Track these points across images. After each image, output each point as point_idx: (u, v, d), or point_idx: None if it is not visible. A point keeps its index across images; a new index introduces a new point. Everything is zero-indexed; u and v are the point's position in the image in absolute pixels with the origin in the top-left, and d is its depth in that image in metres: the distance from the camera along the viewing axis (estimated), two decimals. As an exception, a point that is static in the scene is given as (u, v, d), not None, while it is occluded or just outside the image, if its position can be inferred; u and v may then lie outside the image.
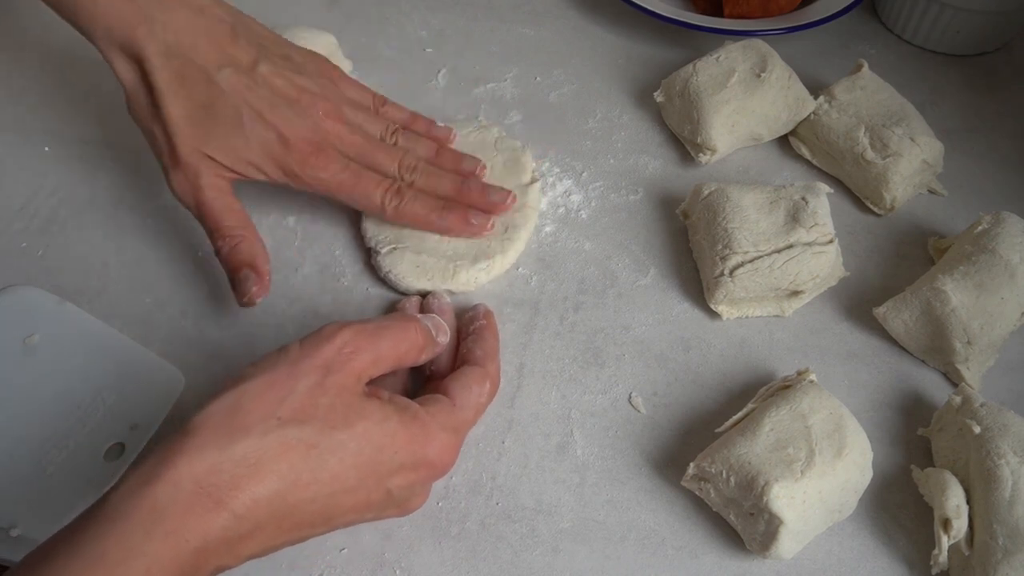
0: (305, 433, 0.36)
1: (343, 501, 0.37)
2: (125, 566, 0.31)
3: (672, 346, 0.52)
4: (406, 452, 0.39)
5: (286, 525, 0.36)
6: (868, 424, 0.47)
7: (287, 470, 0.35)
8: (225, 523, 0.33)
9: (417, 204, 0.52)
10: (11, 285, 0.51)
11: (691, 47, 0.68)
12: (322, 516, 0.37)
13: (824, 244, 0.51)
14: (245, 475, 0.34)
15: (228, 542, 0.34)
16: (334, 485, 0.37)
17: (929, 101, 0.64)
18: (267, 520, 0.35)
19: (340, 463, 0.37)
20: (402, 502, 0.41)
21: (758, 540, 0.42)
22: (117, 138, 0.61)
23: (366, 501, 0.38)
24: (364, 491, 0.38)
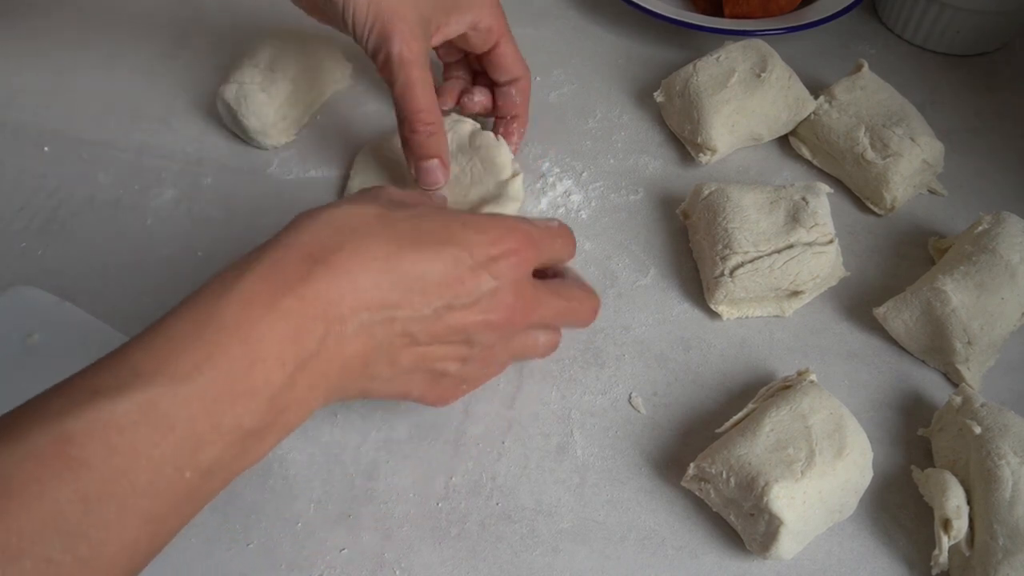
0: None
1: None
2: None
3: (672, 346, 0.52)
4: (482, 232, 0.39)
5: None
6: (868, 424, 0.47)
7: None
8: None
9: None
10: (11, 285, 0.51)
11: (691, 47, 0.68)
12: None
13: (824, 244, 0.51)
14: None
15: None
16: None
17: (929, 101, 0.64)
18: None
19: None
20: (493, 295, 0.39)
21: (758, 540, 0.42)
22: (117, 138, 0.61)
23: (458, 273, 0.38)
24: (452, 259, 0.38)
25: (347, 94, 0.65)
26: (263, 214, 0.57)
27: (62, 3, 0.70)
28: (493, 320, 0.40)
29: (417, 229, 0.38)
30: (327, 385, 0.36)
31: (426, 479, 0.46)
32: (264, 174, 0.60)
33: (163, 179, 0.59)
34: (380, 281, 0.36)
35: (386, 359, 0.38)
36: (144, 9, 0.70)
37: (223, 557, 0.43)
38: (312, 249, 0.35)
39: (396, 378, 0.39)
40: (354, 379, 0.37)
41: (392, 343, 0.37)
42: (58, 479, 0.28)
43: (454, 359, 0.40)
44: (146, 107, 0.63)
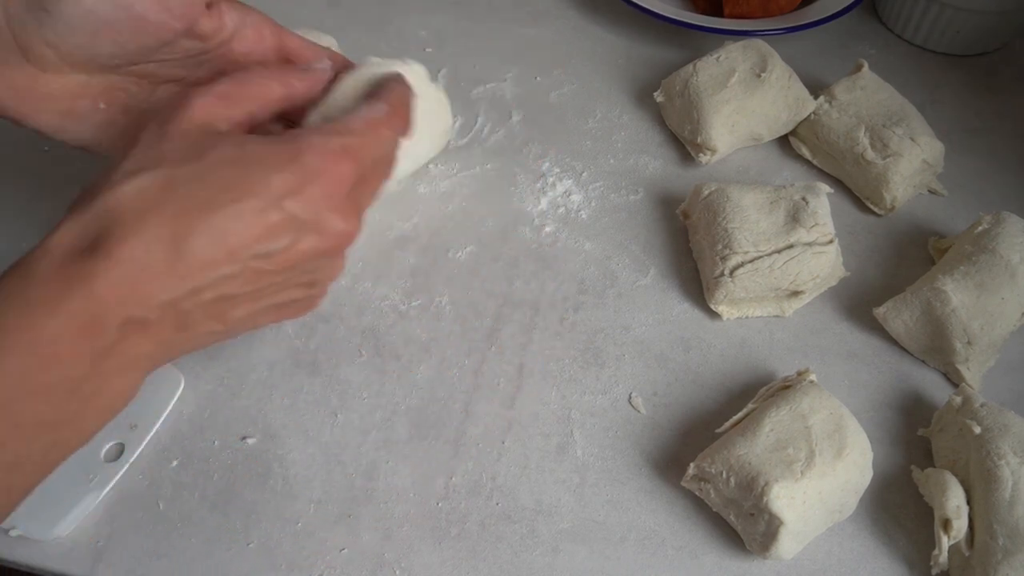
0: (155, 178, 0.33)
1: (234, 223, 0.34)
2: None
3: (672, 346, 0.52)
4: (280, 170, 0.35)
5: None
6: (868, 424, 0.47)
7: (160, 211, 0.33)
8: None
9: None
10: (11, 285, 0.51)
11: (691, 47, 0.68)
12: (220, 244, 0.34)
13: (824, 244, 0.51)
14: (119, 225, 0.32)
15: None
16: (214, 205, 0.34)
17: (929, 101, 0.64)
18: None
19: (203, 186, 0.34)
20: (315, 226, 0.36)
21: (758, 540, 0.42)
22: (117, 138, 0.61)
23: (263, 224, 0.34)
24: (251, 212, 0.34)
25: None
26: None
27: (62, 3, 0.70)
28: (321, 247, 0.37)
29: (207, 186, 0.34)
30: (146, 360, 0.34)
31: (426, 479, 0.46)
32: (264, 174, 0.60)
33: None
34: (173, 262, 0.33)
35: (211, 320, 0.36)
36: (144, 9, 0.70)
37: (223, 557, 0.43)
38: (94, 239, 0.32)
39: (234, 327, 0.37)
40: (179, 345, 0.35)
41: (209, 309, 0.35)
42: None
43: (296, 287, 0.38)
44: (146, 107, 0.63)
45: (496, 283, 0.54)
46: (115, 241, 0.32)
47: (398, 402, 0.49)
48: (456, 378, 0.50)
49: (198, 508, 0.45)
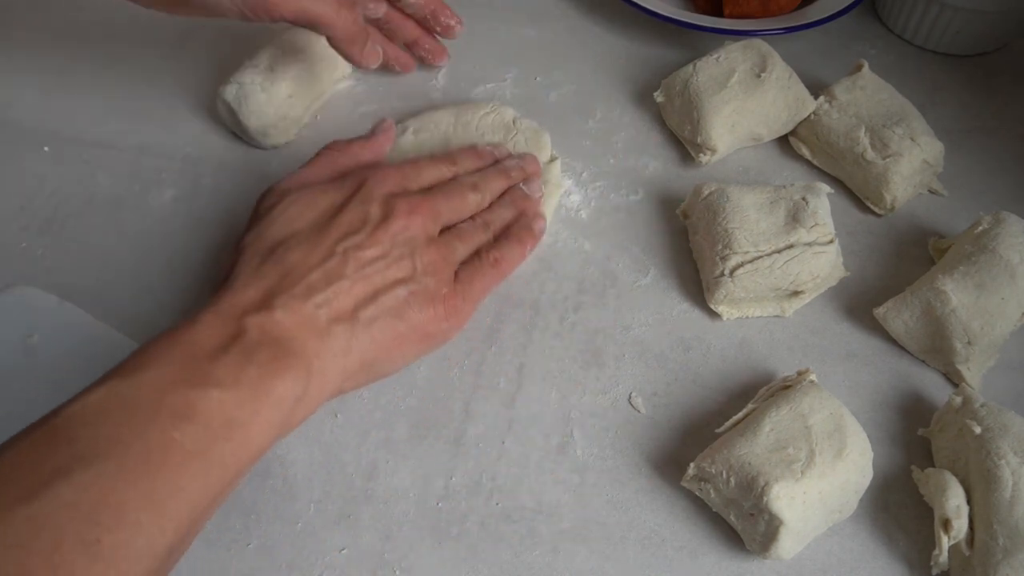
0: None
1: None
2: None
3: (672, 346, 0.52)
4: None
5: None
6: (868, 424, 0.47)
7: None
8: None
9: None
10: (11, 285, 0.51)
11: (691, 47, 0.68)
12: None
13: (824, 244, 0.51)
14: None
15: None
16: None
17: (929, 101, 0.64)
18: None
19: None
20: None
21: (758, 540, 0.42)
22: (117, 138, 0.61)
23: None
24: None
25: (347, 94, 0.65)
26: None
27: (62, 3, 0.70)
28: (395, 223, 0.45)
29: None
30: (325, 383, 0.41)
31: (426, 479, 0.46)
32: (264, 174, 0.60)
33: (163, 179, 0.59)
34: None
35: (344, 325, 0.42)
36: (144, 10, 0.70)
37: (223, 557, 0.43)
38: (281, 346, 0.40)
39: (376, 334, 0.43)
40: (347, 370, 0.42)
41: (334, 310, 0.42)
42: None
43: (394, 283, 0.44)
44: (146, 107, 0.63)
45: (496, 283, 0.54)
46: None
47: (398, 402, 0.49)
48: (456, 378, 0.50)
49: (198, 508, 0.45)
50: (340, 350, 0.41)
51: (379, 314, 0.43)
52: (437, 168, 0.51)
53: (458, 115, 0.60)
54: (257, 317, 0.39)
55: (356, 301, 0.42)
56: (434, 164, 0.51)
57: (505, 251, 0.50)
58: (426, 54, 0.64)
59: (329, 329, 0.41)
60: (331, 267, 0.42)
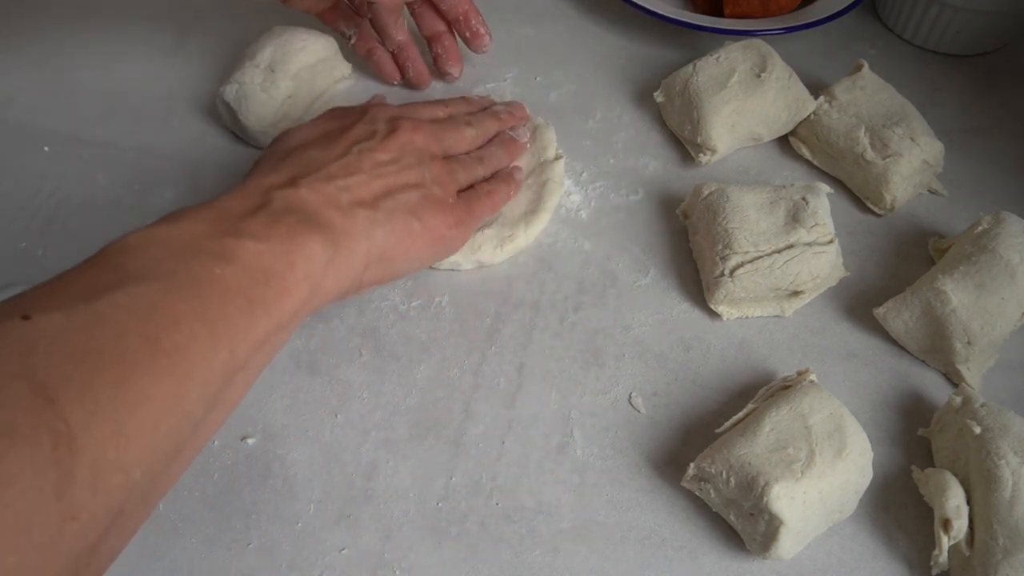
0: None
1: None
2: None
3: (672, 346, 0.52)
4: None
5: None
6: (868, 424, 0.47)
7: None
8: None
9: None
10: (11, 285, 0.51)
11: (691, 47, 0.68)
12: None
13: (824, 244, 0.51)
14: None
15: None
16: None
17: (929, 101, 0.64)
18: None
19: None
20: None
21: (758, 540, 0.42)
22: (117, 138, 0.61)
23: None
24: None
25: (347, 94, 0.65)
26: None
27: (62, 2, 0.70)
28: (402, 135, 0.48)
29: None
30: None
31: (426, 479, 0.46)
32: (264, 174, 0.60)
33: (163, 179, 0.59)
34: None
35: (367, 211, 0.44)
36: (144, 9, 0.70)
37: (223, 557, 0.43)
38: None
39: (396, 220, 0.45)
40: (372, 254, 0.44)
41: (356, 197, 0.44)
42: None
43: (407, 186, 0.47)
44: (146, 107, 0.63)
45: (496, 283, 0.54)
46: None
47: (398, 402, 0.49)
48: (456, 378, 0.50)
49: (198, 508, 0.45)
50: (363, 231, 0.43)
51: (396, 207, 0.45)
52: (432, 108, 0.55)
53: None
54: (282, 192, 0.41)
55: (375, 193, 0.45)
56: (430, 105, 0.56)
57: (496, 185, 0.54)
58: (443, 51, 0.64)
59: (352, 210, 0.43)
60: (348, 161, 0.45)
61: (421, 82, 0.65)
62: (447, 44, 0.64)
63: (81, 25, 0.68)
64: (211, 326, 0.33)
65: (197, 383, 0.32)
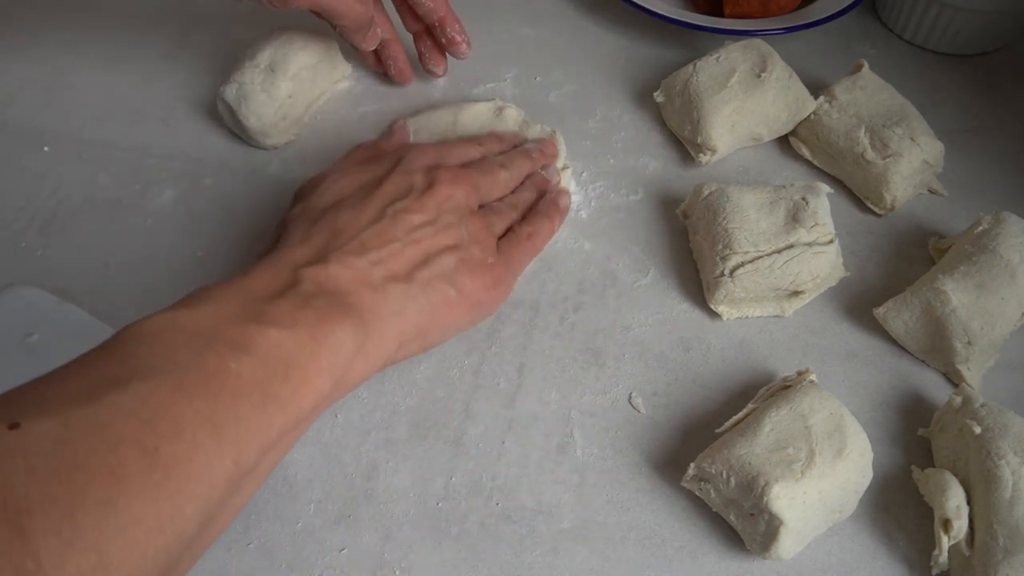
0: None
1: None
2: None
3: (672, 346, 0.52)
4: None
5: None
6: (868, 424, 0.47)
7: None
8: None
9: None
10: (11, 285, 0.51)
11: (691, 47, 0.68)
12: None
13: (824, 244, 0.51)
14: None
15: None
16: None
17: (929, 101, 0.64)
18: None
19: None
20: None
21: (758, 540, 0.42)
22: (117, 138, 0.61)
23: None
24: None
25: (347, 94, 0.65)
26: (263, 214, 0.57)
27: (62, 3, 0.70)
28: (440, 191, 0.46)
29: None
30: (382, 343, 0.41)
31: (426, 479, 0.46)
32: (264, 174, 0.60)
33: (163, 179, 0.59)
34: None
35: (400, 285, 0.42)
36: (144, 9, 0.70)
37: (223, 557, 0.43)
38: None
39: (432, 292, 0.43)
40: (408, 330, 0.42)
41: (390, 269, 0.42)
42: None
43: (444, 250, 0.44)
44: (146, 107, 0.63)
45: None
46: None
47: (398, 402, 0.49)
48: (456, 378, 0.50)
49: (198, 508, 0.45)
50: (396, 309, 0.41)
51: (432, 278, 0.43)
52: (467, 149, 0.53)
53: (457, 115, 0.60)
54: (311, 270, 0.39)
55: (410, 264, 0.43)
56: (464, 145, 0.53)
57: (536, 226, 0.51)
58: (426, 50, 0.64)
59: (385, 287, 0.41)
60: (383, 227, 0.43)
61: (403, 80, 0.64)
62: (430, 43, 0.64)
63: (81, 25, 0.68)
64: (218, 430, 0.31)
65: (195, 498, 0.30)
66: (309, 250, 0.41)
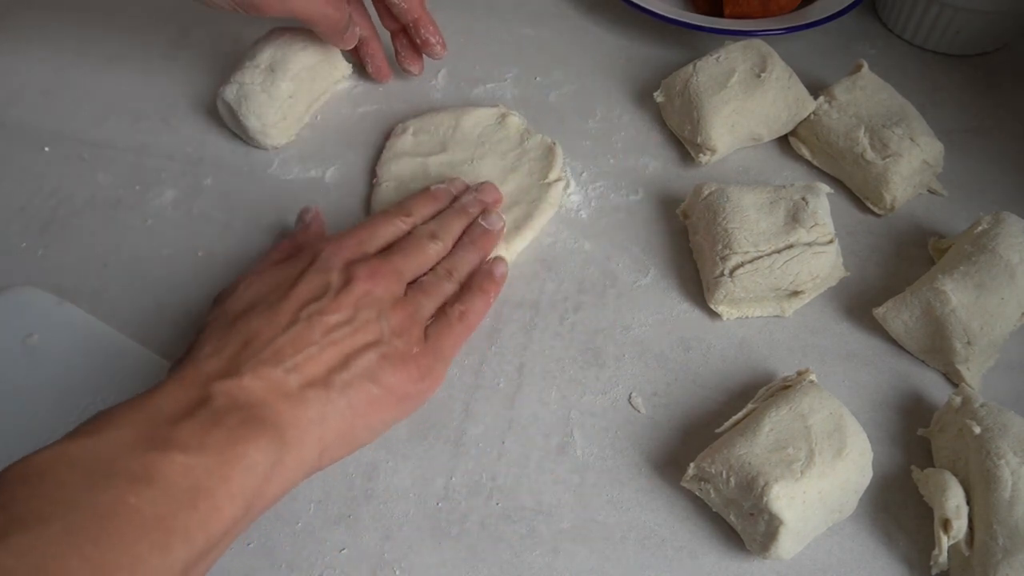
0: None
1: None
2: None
3: (672, 346, 0.52)
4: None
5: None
6: (868, 424, 0.47)
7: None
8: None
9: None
10: (11, 285, 0.51)
11: (691, 47, 0.68)
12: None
13: (824, 244, 0.51)
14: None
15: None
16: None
17: (929, 101, 0.64)
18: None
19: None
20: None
21: (758, 540, 0.42)
22: (117, 138, 0.61)
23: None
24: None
25: (347, 94, 0.65)
26: (263, 214, 0.57)
27: (62, 3, 0.70)
28: (357, 287, 0.44)
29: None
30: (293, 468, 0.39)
31: (426, 479, 0.46)
32: (264, 174, 0.60)
33: (163, 179, 0.59)
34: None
35: (319, 391, 0.40)
36: (144, 9, 0.70)
37: (223, 557, 0.43)
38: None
39: (353, 400, 0.41)
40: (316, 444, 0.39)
41: (305, 375, 0.40)
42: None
43: (363, 348, 0.42)
44: (146, 107, 0.63)
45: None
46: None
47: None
48: (456, 378, 0.50)
49: (198, 508, 0.45)
50: (315, 417, 0.39)
51: (352, 379, 0.41)
52: (392, 224, 0.49)
53: (459, 119, 0.60)
54: (223, 383, 0.37)
55: (327, 367, 0.40)
56: (388, 220, 0.49)
57: (469, 304, 0.48)
58: (402, 48, 0.64)
59: (302, 395, 0.39)
60: (297, 332, 0.40)
61: (380, 77, 0.65)
62: (405, 43, 0.64)
63: (81, 25, 0.68)
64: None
65: None
66: (221, 361, 0.38)
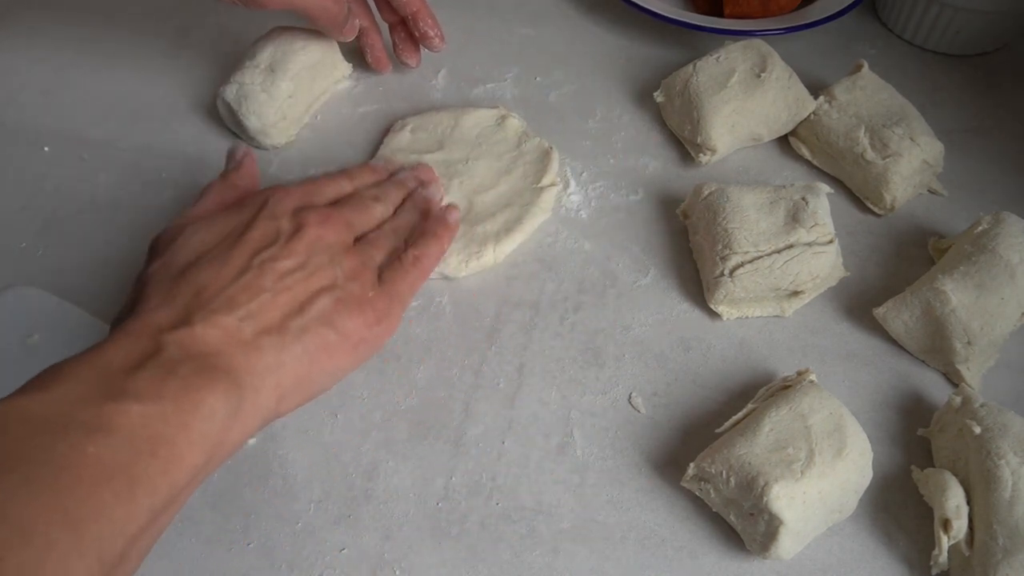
0: None
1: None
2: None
3: (672, 346, 0.52)
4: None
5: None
6: (868, 424, 0.47)
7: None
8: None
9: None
10: (11, 285, 0.51)
11: (691, 47, 0.68)
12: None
13: (824, 244, 0.51)
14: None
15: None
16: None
17: (929, 101, 0.64)
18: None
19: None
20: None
21: (758, 540, 0.42)
22: (117, 138, 0.61)
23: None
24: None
25: (347, 94, 0.65)
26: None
27: (62, 3, 0.70)
28: (309, 233, 0.43)
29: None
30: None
31: (426, 479, 0.46)
32: (264, 174, 0.60)
33: (163, 179, 0.59)
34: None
35: (274, 337, 0.39)
36: (144, 9, 0.70)
37: (223, 557, 0.43)
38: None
39: (306, 341, 0.40)
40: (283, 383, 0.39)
41: (261, 324, 0.39)
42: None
43: (318, 292, 0.42)
44: (146, 107, 0.63)
45: (495, 283, 0.54)
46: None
47: (398, 402, 0.49)
48: (456, 378, 0.50)
49: (198, 508, 0.45)
50: (272, 364, 0.38)
51: (308, 324, 0.40)
52: (336, 184, 0.50)
53: (459, 119, 0.60)
54: (175, 334, 0.36)
55: (282, 313, 0.40)
56: (333, 180, 0.50)
57: (423, 248, 0.48)
58: (400, 41, 0.64)
59: (257, 342, 0.38)
60: (249, 280, 0.40)
61: (380, 68, 0.65)
62: (404, 35, 0.64)
63: (81, 25, 0.68)
64: (75, 527, 0.29)
65: None
66: (171, 312, 0.38)
